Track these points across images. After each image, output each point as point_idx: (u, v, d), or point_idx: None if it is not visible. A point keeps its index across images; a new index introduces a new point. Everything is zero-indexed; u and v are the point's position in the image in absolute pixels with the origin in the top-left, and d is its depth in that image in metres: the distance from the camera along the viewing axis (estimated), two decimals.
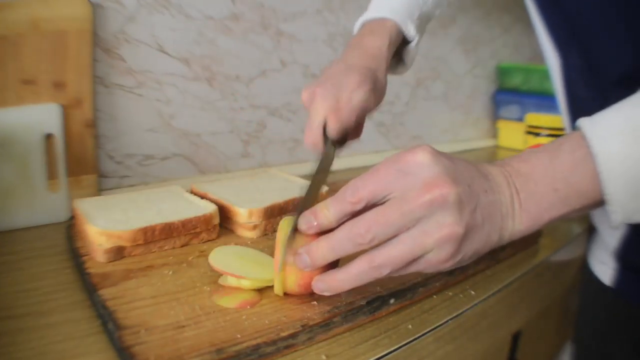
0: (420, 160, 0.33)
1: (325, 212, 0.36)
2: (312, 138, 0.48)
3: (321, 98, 0.48)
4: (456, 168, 0.33)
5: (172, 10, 0.74)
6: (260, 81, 0.87)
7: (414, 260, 0.33)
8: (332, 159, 0.46)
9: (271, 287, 0.43)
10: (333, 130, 0.47)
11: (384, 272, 0.34)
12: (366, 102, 0.49)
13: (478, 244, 0.34)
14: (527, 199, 0.34)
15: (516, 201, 0.34)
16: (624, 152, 0.31)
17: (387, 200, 0.34)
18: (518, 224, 0.34)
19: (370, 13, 0.57)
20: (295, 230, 0.38)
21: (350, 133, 0.50)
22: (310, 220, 0.36)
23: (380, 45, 0.53)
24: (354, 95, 0.48)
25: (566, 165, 0.33)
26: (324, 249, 0.35)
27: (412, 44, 0.57)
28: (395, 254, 0.33)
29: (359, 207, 0.34)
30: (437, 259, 0.33)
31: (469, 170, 0.34)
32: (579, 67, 0.46)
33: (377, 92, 0.51)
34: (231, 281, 0.43)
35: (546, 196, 0.33)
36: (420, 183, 0.32)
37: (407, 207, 0.32)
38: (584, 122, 0.33)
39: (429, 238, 0.32)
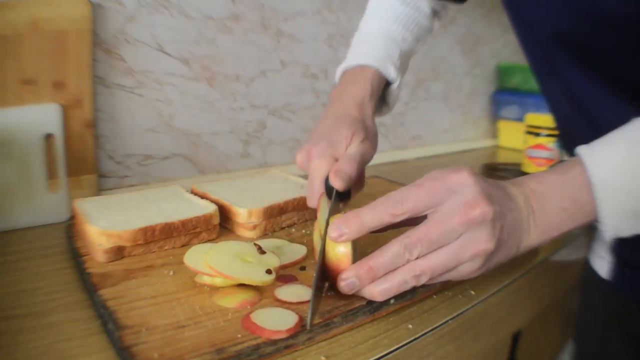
0: (464, 180, 0.37)
1: (358, 221, 0.38)
2: (315, 199, 0.47)
3: (318, 158, 0.47)
4: (490, 189, 0.37)
5: (172, 10, 0.74)
6: (260, 81, 0.87)
7: (449, 270, 0.38)
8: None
9: (270, 286, 0.43)
10: (340, 187, 0.45)
11: (422, 280, 0.38)
12: (364, 153, 0.49)
13: (501, 256, 0.38)
14: (541, 217, 0.38)
15: (531, 218, 0.38)
16: (617, 182, 0.35)
17: (426, 214, 0.37)
18: (532, 238, 0.38)
19: (350, 61, 0.56)
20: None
21: (354, 186, 0.49)
22: (341, 228, 0.38)
23: (363, 95, 0.52)
24: (350, 149, 0.48)
25: (574, 189, 0.37)
26: (376, 271, 0.38)
27: (394, 85, 0.57)
28: (434, 265, 0.37)
29: (400, 219, 0.37)
30: (468, 270, 0.38)
31: (498, 190, 0.38)
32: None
33: (370, 140, 0.51)
34: (205, 279, 0.43)
35: (557, 214, 0.38)
36: (463, 202, 0.36)
37: (451, 225, 0.36)
38: (583, 151, 0.37)
39: (465, 252, 0.36)
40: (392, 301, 0.43)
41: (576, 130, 0.49)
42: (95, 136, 0.67)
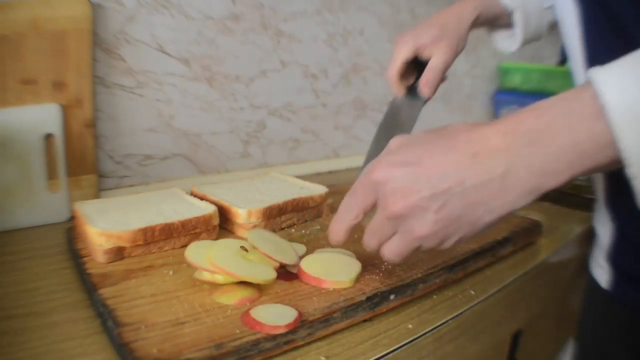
0: (384, 175, 0.35)
1: (336, 236, 0.41)
2: (389, 72, 0.60)
3: (401, 44, 0.59)
4: (416, 174, 0.34)
5: (172, 10, 0.74)
6: (260, 81, 0.87)
7: (411, 250, 0.37)
8: (414, 109, 0.60)
9: (270, 284, 0.43)
10: (428, 95, 0.59)
11: (396, 260, 0.38)
12: (445, 61, 0.59)
13: (464, 229, 0.34)
14: (543, 158, 0.31)
15: (521, 168, 0.32)
16: (633, 100, 0.28)
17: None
18: (526, 189, 0.32)
19: None
20: None
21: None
22: (331, 239, 0.41)
23: (467, 5, 0.61)
24: (433, 59, 0.59)
25: (584, 119, 0.30)
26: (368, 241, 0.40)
27: (515, 16, 0.63)
28: (394, 250, 0.37)
29: (358, 220, 0.39)
30: (429, 247, 0.36)
31: (438, 165, 0.34)
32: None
33: (452, 47, 0.60)
34: (206, 275, 0.43)
35: (565, 152, 0.31)
36: (384, 198, 0.35)
37: (380, 220, 0.37)
38: (595, 72, 0.30)
39: (407, 238, 0.36)
40: (392, 297, 0.43)
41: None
42: (95, 136, 0.68)
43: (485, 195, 0.33)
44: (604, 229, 0.51)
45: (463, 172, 0.33)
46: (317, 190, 0.64)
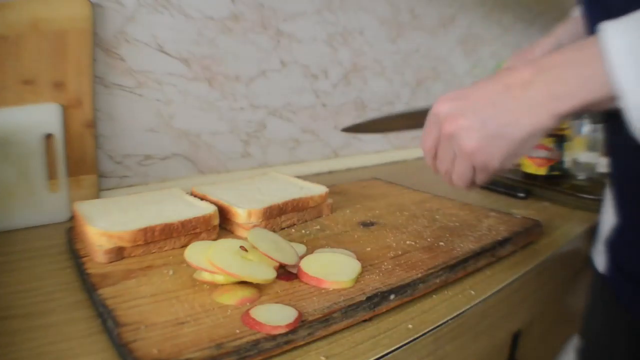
0: (438, 107, 0.45)
1: (430, 167, 0.49)
2: None
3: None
4: (462, 103, 0.43)
5: (172, 10, 0.74)
6: (260, 81, 0.87)
7: (475, 170, 0.44)
8: None
9: (269, 284, 0.43)
10: None
11: (463, 184, 0.46)
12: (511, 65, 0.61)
13: (504, 147, 0.41)
14: (556, 83, 0.38)
15: (541, 92, 0.39)
16: (631, 45, 0.34)
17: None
18: (547, 111, 0.39)
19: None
20: None
21: None
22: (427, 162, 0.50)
23: (555, 32, 0.63)
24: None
25: (591, 56, 0.37)
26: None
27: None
28: (457, 173, 0.45)
29: (433, 154, 0.47)
30: (481, 166, 0.43)
31: (478, 96, 0.42)
32: None
33: (520, 59, 0.61)
34: (205, 276, 0.43)
35: (574, 80, 0.38)
36: (439, 124, 0.44)
37: (443, 144, 0.45)
38: (604, 24, 0.36)
39: (462, 153, 0.43)
40: (392, 297, 0.43)
41: None
42: (95, 136, 0.67)
43: (515, 116, 0.40)
44: (606, 218, 0.52)
45: (496, 98, 0.41)
46: (317, 190, 0.64)
